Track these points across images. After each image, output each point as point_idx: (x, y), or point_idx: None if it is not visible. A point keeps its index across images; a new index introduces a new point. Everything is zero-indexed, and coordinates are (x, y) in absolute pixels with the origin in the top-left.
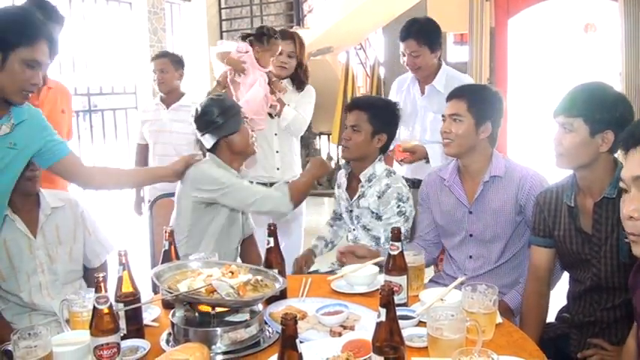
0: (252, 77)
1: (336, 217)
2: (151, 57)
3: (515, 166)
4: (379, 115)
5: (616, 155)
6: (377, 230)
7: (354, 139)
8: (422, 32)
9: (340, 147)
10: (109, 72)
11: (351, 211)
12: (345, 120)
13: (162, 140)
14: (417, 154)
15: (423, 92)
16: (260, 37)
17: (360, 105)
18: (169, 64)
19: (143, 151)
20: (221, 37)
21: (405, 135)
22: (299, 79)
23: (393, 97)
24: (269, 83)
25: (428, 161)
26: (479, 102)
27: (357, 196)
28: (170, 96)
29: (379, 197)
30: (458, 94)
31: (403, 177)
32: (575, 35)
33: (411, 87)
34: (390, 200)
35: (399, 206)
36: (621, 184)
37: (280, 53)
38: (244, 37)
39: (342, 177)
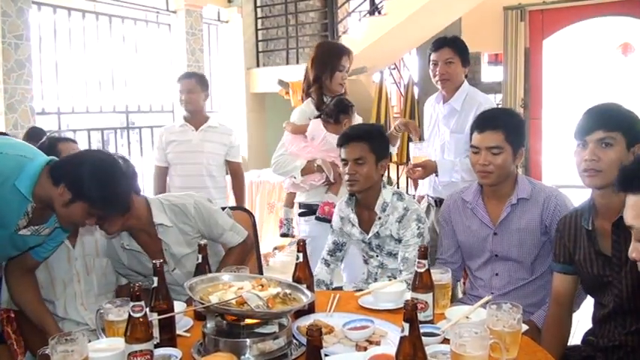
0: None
1: (336, 248)
2: (178, 78)
3: (540, 186)
4: (378, 141)
5: None
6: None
7: (360, 171)
8: (457, 43)
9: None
10: (147, 91)
11: (369, 242)
12: (342, 154)
13: (191, 161)
14: (428, 169)
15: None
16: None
17: (360, 136)
18: (196, 84)
19: (163, 174)
20: (257, 58)
21: (430, 150)
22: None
23: (426, 115)
24: None
25: (437, 175)
26: (515, 130)
27: (375, 230)
28: (197, 117)
29: (399, 222)
30: (492, 124)
31: (428, 195)
32: (610, 56)
33: (436, 104)
34: (410, 223)
35: (418, 227)
36: (633, 232)
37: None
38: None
39: (348, 213)
